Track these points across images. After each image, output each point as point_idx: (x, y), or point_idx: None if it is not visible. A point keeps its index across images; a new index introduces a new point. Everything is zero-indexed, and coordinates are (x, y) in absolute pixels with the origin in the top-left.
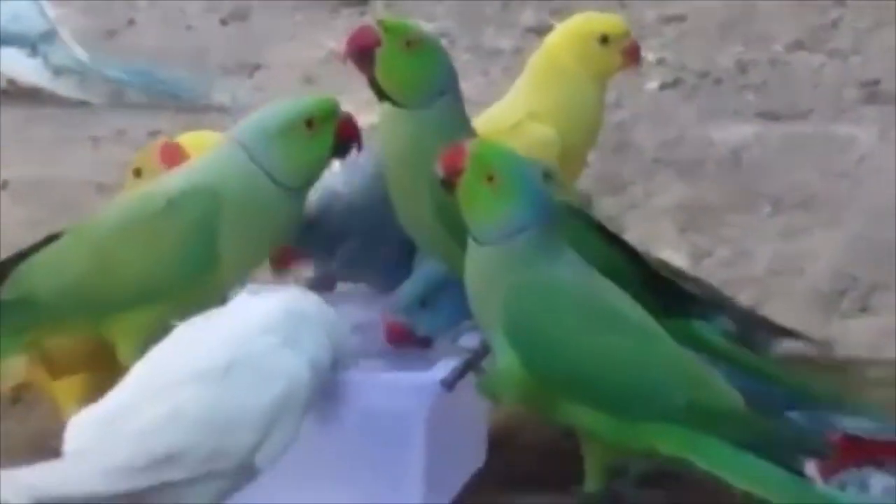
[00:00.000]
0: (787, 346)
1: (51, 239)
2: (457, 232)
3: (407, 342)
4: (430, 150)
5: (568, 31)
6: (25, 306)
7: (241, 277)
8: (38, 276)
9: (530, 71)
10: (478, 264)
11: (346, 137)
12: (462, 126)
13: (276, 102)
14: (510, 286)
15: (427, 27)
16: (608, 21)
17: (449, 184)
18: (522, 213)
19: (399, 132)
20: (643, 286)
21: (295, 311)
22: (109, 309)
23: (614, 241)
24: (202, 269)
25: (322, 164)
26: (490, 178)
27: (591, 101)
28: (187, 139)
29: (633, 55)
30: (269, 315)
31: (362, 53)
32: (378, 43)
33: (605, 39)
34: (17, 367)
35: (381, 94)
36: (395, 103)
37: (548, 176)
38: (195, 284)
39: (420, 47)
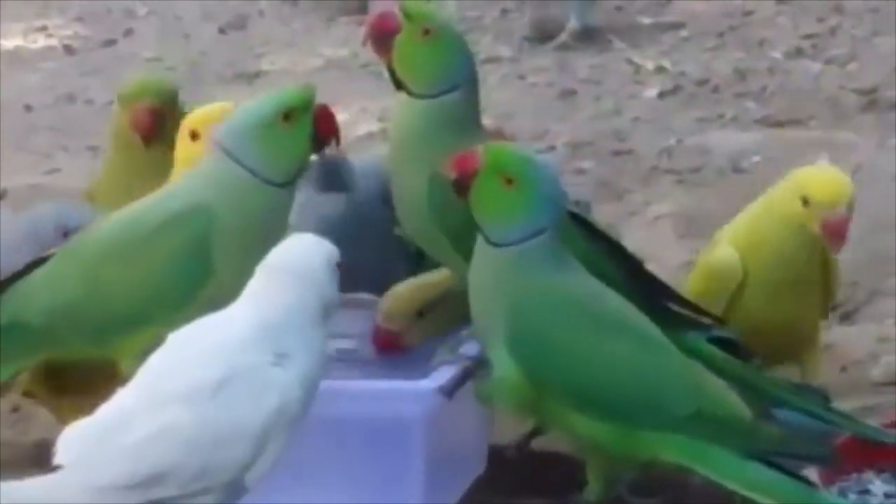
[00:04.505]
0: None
1: (37, 263)
2: (453, 232)
3: (394, 350)
4: (435, 141)
5: (789, 176)
6: (18, 332)
7: (239, 284)
8: (30, 300)
9: (762, 197)
10: (486, 265)
11: (322, 129)
12: (472, 121)
13: (251, 99)
14: (515, 295)
15: None
16: (816, 183)
17: (461, 186)
18: (542, 216)
19: (406, 121)
20: (635, 296)
21: (283, 319)
22: (105, 333)
23: (614, 250)
24: (199, 286)
25: (305, 157)
26: (509, 181)
27: (788, 252)
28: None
29: (830, 232)
30: (260, 327)
31: (382, 38)
32: (398, 29)
33: (805, 202)
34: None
35: (397, 83)
36: (408, 92)
37: (578, 204)
38: (193, 301)
39: (438, 37)
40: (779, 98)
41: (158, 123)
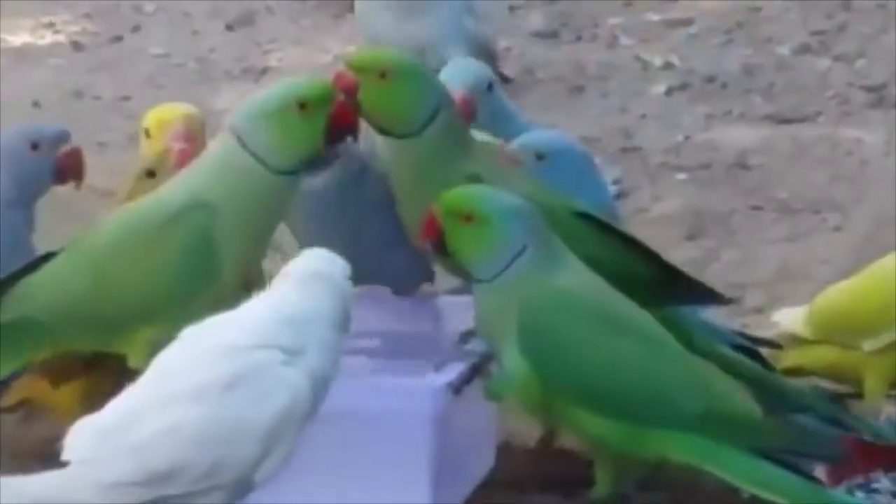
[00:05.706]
0: None
1: (45, 258)
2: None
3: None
4: (429, 177)
5: None
6: (25, 327)
7: (244, 275)
8: (36, 296)
9: None
10: (485, 296)
11: (339, 124)
12: (459, 147)
13: (270, 86)
14: (524, 294)
15: None
16: None
17: (437, 248)
18: (513, 238)
19: (398, 162)
20: (658, 289)
21: (299, 316)
22: (110, 330)
23: (628, 242)
24: (205, 283)
25: (314, 148)
26: (468, 218)
27: None
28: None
29: None
30: (272, 324)
31: (349, 99)
32: (356, 85)
33: None
34: (19, 383)
35: (379, 131)
36: (388, 134)
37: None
38: (199, 297)
39: (396, 76)
40: (787, 94)
41: None
